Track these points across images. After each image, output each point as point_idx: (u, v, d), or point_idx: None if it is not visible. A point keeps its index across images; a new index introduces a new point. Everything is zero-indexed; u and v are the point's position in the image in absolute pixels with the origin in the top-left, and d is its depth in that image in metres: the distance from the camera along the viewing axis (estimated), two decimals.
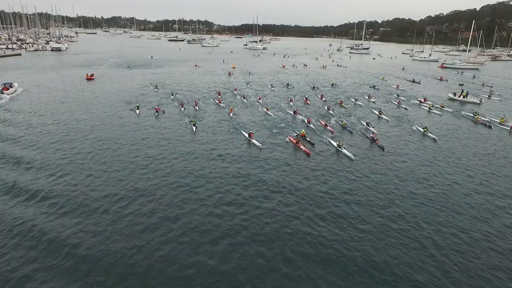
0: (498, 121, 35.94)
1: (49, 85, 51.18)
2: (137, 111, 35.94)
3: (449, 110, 41.26)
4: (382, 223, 16.17)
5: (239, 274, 12.80)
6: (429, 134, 30.28)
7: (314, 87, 55.12)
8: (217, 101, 42.46)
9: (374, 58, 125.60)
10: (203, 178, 20.58)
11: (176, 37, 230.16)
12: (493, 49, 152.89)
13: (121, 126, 31.16)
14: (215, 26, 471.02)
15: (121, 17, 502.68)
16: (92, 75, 59.42)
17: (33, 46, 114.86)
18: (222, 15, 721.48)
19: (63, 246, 14.01)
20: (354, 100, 45.42)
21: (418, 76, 74.19)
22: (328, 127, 31.93)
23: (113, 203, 17.37)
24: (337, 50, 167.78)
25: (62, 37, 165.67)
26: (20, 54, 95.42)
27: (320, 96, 47.37)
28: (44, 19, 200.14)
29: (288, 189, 19.49)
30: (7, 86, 44.24)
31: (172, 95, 45.60)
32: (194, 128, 30.87)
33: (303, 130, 29.34)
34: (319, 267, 13.26)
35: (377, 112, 38.59)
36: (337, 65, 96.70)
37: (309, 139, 27.68)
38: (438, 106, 42.63)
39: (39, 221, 15.66)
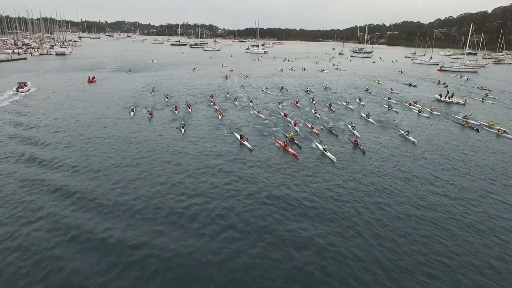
0: (487, 124, 36.15)
1: (52, 87, 53.41)
2: (131, 113, 37.00)
3: (438, 113, 41.55)
4: (348, 225, 16.65)
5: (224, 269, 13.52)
6: (410, 138, 30.66)
7: (307, 91, 55.94)
8: (212, 104, 43.28)
9: (374, 62, 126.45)
10: (188, 177, 21.45)
11: (179, 41, 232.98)
12: (500, 52, 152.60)
13: (113, 126, 32.40)
14: (219, 30, 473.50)
15: (125, 21, 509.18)
16: (94, 78, 61.14)
17: (38, 51, 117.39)
18: (226, 19, 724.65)
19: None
20: (345, 104, 45.96)
21: (415, 79, 74.78)
22: (314, 130, 32.52)
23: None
24: (339, 53, 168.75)
25: (66, 41, 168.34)
26: (25, 58, 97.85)
27: (311, 99, 47.91)
28: (49, 24, 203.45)
29: (270, 188, 20.18)
30: (22, 85, 49.04)
31: (167, 98, 46.37)
32: (182, 130, 31.51)
33: (292, 133, 30.01)
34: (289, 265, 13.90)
35: (364, 116, 39.13)
36: (337, 68, 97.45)
37: (297, 142, 28.30)
38: (428, 109, 43.00)
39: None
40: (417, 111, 42.46)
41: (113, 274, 13.00)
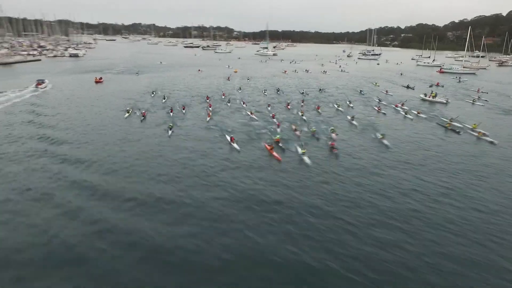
0: (471, 126, 36.26)
1: (64, 85, 57.64)
2: (126, 115, 38.46)
3: (424, 116, 41.80)
4: (315, 228, 17.20)
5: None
6: (384, 141, 30.85)
7: (302, 92, 56.96)
8: (208, 105, 44.15)
9: (378, 64, 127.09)
10: (168, 178, 22.41)
11: (192, 43, 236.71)
12: (508, 55, 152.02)
13: (105, 126, 34.32)
14: (235, 33, 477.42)
15: (141, 23, 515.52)
16: (101, 78, 64.03)
17: (52, 53, 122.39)
18: (243, 22, 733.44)
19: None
20: (336, 106, 46.36)
21: (414, 81, 74.94)
22: (297, 132, 32.90)
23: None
24: (347, 56, 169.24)
25: (81, 43, 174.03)
26: (40, 60, 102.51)
27: (301, 101, 48.48)
28: (65, 26, 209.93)
29: (247, 191, 20.80)
30: (40, 82, 55.48)
31: (164, 99, 47.93)
32: (169, 132, 32.34)
33: (278, 136, 30.51)
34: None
35: (349, 118, 39.52)
36: (341, 70, 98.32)
37: (281, 145, 28.79)
38: (415, 112, 43.22)
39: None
40: (403, 113, 43.07)
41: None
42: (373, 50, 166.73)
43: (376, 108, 45.98)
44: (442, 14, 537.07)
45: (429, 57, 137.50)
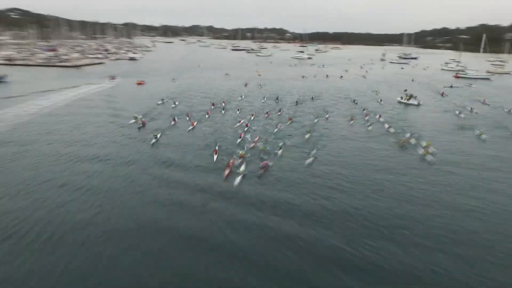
0: (424, 144, 35.30)
1: (120, 84, 74.66)
2: (131, 121, 41.73)
3: (392, 130, 41.56)
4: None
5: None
6: (309, 160, 30.74)
7: (296, 102, 58.09)
8: (206, 112, 46.27)
9: (402, 68, 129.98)
10: (139, 186, 25.36)
11: (239, 46, 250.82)
12: None
13: (109, 129, 39.83)
14: (287, 34, 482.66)
15: (199, 25, 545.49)
16: (142, 81, 76.72)
17: (114, 56, 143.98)
18: (299, 22, 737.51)
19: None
20: (315, 118, 46.73)
21: (420, 89, 75.51)
22: (239, 154, 31.41)
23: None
24: (380, 59, 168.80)
25: (140, 47, 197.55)
26: (103, 63, 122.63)
27: (278, 111, 49.72)
28: (129, 29, 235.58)
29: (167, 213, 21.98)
30: (113, 77, 78.42)
31: (174, 104, 52.51)
32: (153, 140, 34.12)
33: (242, 152, 31.18)
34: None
35: (307, 131, 39.34)
36: (363, 76, 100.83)
37: (238, 162, 29.45)
38: (387, 125, 43.42)
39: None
40: (370, 126, 43.22)
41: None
42: (410, 54, 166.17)
43: (350, 119, 46.26)
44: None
45: (458, 61, 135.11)
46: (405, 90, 70.13)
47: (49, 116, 45.38)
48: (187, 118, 44.44)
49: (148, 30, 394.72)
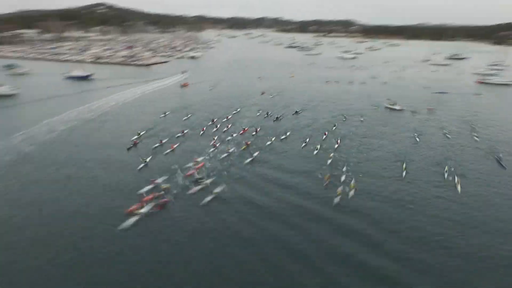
0: (350, 185, 35.25)
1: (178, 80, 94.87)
2: (135, 136, 45.39)
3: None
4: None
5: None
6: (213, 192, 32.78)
7: (277, 118, 58.81)
8: (201, 129, 48.62)
9: (434, 71, 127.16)
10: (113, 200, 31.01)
11: (294, 43, 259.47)
12: None
13: (114, 135, 49.69)
14: (352, 27, 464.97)
15: (266, 17, 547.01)
16: (187, 83, 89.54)
17: (178, 54, 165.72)
18: (369, 12, 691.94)
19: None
20: (282, 137, 47.89)
21: (434, 98, 76.44)
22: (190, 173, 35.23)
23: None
24: (422, 61, 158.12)
25: (204, 43, 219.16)
26: (167, 62, 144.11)
27: (242, 130, 50.22)
28: (200, 22, 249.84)
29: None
30: (183, 71, 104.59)
31: (186, 116, 56.30)
32: (141, 165, 35.06)
33: (166, 186, 33.21)
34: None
35: (251, 159, 39.97)
36: (385, 81, 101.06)
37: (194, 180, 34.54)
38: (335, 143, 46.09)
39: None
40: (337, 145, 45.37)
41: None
42: (459, 54, 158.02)
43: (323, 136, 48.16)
44: None
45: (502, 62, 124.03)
46: (388, 99, 71.24)
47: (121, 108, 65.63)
48: (180, 134, 48.23)
49: (217, 23, 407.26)
